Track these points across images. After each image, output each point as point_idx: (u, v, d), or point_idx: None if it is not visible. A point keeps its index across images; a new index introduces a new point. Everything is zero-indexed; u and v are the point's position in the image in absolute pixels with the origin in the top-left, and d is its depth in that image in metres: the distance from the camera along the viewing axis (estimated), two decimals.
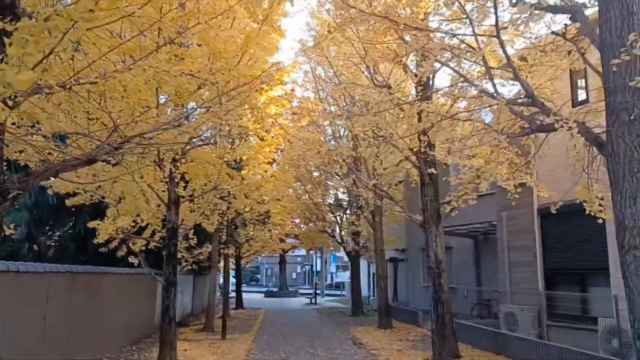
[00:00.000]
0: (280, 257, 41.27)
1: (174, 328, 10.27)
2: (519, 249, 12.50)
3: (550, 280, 11.67)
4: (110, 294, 10.87)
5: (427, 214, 10.78)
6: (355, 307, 23.63)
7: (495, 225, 14.38)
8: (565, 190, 9.45)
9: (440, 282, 10.45)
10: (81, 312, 9.23)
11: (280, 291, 42.02)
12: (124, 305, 11.94)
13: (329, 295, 42.42)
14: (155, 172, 9.85)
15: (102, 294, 10.45)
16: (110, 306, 10.83)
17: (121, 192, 10.62)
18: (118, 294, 11.50)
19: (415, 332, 15.34)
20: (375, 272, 22.57)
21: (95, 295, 10.13)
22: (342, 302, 33.45)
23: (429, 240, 10.68)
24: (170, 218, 10.35)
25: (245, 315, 23.27)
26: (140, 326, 13.32)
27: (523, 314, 11.74)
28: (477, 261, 18.30)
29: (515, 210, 12.49)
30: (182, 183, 11.00)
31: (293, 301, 35.63)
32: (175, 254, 10.45)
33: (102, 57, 4.75)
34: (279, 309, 28.16)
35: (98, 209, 12.18)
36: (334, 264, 59.49)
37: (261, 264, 66.81)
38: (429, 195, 10.74)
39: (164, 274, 10.16)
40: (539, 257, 11.82)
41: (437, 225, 10.68)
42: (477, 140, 8.60)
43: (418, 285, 22.16)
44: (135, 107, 5.25)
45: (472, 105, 6.77)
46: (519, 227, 12.49)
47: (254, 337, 15.17)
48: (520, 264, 12.43)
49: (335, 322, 19.87)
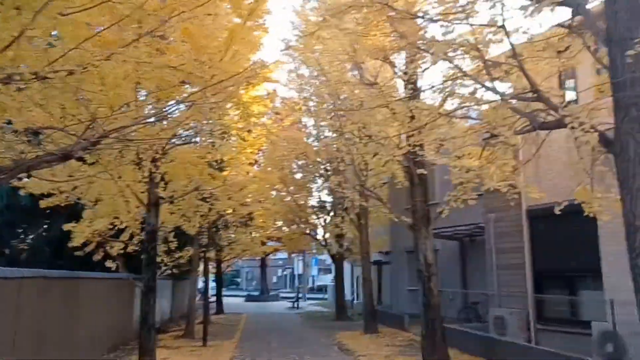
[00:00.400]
0: (262, 261, 40.79)
1: (154, 335, 9.85)
2: (507, 251, 12.32)
3: (540, 283, 11.49)
4: (86, 299, 10.42)
5: (416, 215, 10.51)
6: (340, 311, 23.31)
7: (481, 227, 14.20)
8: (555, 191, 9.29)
9: (430, 286, 10.19)
10: (55, 320, 8.80)
11: (262, 295, 41.49)
12: (101, 311, 11.46)
13: (311, 299, 42.03)
14: (134, 172, 9.44)
15: (78, 299, 10.01)
16: (86, 313, 10.37)
17: (98, 193, 10.17)
18: (94, 300, 11.03)
19: (402, 337, 15.06)
20: (359, 276, 22.32)
21: (71, 301, 9.68)
22: (325, 305, 33.12)
23: (419, 243, 10.42)
24: (149, 220, 9.93)
25: (226, 320, 22.78)
26: (118, 333, 12.83)
27: (512, 318, 11.55)
28: (463, 264, 18.14)
29: (502, 212, 12.32)
30: (162, 184, 10.59)
31: (275, 305, 35.18)
32: (154, 258, 10.03)
33: (79, 45, 4.37)
34: (260, 313, 27.73)
35: (75, 211, 11.67)
36: (315, 267, 59.08)
37: (241, 268, 66.05)
38: (419, 197, 10.48)
39: (143, 279, 9.73)
40: (528, 259, 11.64)
41: (426, 228, 10.42)
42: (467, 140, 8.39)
43: (403, 288, 21.92)
44: (114, 100, 4.88)
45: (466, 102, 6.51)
46: (507, 229, 12.30)
47: (236, 343, 14.74)
48: (508, 266, 12.25)
49: (320, 327, 19.52)
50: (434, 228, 11.12)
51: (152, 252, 9.88)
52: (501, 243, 12.55)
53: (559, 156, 9.38)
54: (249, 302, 38.29)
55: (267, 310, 29.82)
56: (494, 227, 12.74)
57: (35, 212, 13.11)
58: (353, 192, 14.10)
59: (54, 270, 9.25)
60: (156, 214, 10.05)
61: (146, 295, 9.68)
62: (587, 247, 9.93)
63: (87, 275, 10.73)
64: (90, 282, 10.96)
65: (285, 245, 29.90)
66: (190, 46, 7.29)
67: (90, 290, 10.81)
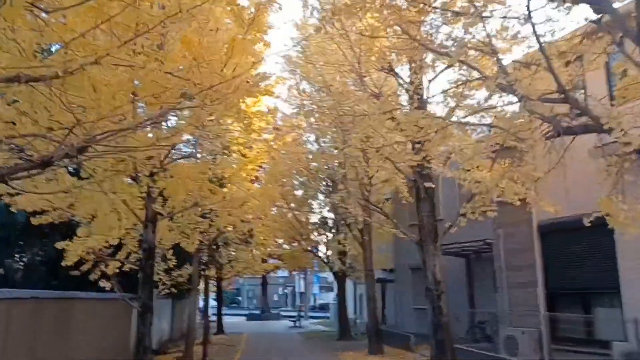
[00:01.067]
0: (263, 279, 40.19)
1: (150, 358, 9.39)
2: (518, 268, 11.89)
3: (553, 301, 11.05)
4: (80, 321, 9.98)
5: (423, 231, 10.12)
6: (342, 330, 22.73)
7: (490, 244, 13.79)
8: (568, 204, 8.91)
9: (440, 304, 9.76)
10: (47, 342, 8.39)
11: (263, 314, 40.79)
12: (96, 333, 10.99)
13: (313, 318, 41.32)
14: (131, 187, 9.08)
15: (72, 321, 9.57)
16: (80, 335, 9.92)
17: (94, 210, 9.79)
18: (89, 321, 10.58)
19: (408, 358, 14.56)
20: (362, 294, 21.79)
21: (64, 323, 9.26)
22: (328, 324, 32.47)
23: (427, 260, 10.01)
24: (146, 237, 9.54)
25: (226, 340, 22.21)
26: (114, 356, 12.32)
27: (524, 337, 11.08)
28: (470, 281, 17.63)
29: (513, 227, 11.93)
30: (160, 199, 10.21)
31: (276, 324, 34.54)
32: (151, 277, 9.62)
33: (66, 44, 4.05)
34: (261, 332, 27.14)
35: (71, 229, 11.27)
36: (317, 285, 58.37)
37: (242, 286, 65.34)
38: (426, 211, 10.10)
39: (139, 299, 9.30)
40: (540, 276, 11.21)
41: (434, 243, 10.03)
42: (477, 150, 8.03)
43: (408, 307, 21.38)
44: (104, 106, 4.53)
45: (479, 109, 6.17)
46: (518, 245, 11.89)
47: None
48: (519, 284, 11.81)
49: (322, 347, 18.98)
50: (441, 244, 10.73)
51: (149, 271, 9.48)
52: (512, 260, 12.12)
53: (573, 166, 9.01)
54: (250, 321, 37.61)
55: (268, 330, 29.21)
56: (503, 243, 12.32)
57: (31, 230, 12.72)
58: (356, 207, 13.73)
59: (45, 291, 8.85)
60: (154, 231, 9.68)
61: (142, 315, 9.25)
62: (603, 263, 9.52)
63: (81, 296, 10.31)
64: (85, 302, 10.53)
65: (286, 264, 29.41)
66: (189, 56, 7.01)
67: (84, 311, 10.37)
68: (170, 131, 5.59)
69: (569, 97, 4.40)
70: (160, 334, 17.55)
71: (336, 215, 21.00)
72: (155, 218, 9.69)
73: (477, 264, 17.34)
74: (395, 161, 9.80)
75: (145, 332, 9.16)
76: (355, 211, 13.76)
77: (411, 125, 7.84)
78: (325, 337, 23.85)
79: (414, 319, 20.22)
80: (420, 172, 9.77)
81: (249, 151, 14.05)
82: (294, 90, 17.33)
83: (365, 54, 9.63)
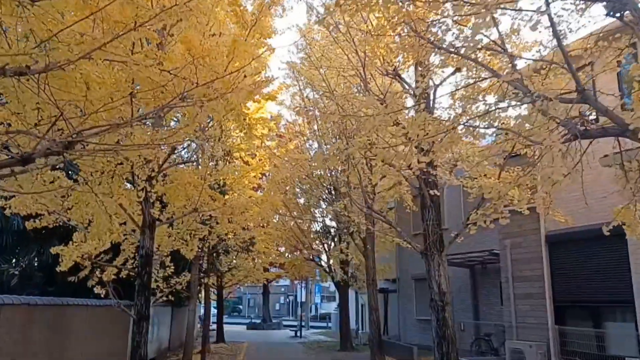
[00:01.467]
0: (264, 287, 39.82)
1: None
2: (525, 280, 11.56)
3: (561, 314, 10.72)
4: (74, 328, 9.72)
5: (428, 240, 9.81)
6: (344, 341, 22.36)
7: (496, 254, 13.48)
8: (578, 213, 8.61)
9: (445, 316, 9.43)
10: (40, 351, 8.13)
11: (264, 323, 40.36)
12: (91, 341, 10.72)
13: (314, 328, 40.89)
14: (128, 191, 8.84)
15: (66, 329, 9.32)
16: (75, 343, 9.66)
17: (91, 214, 9.54)
18: (84, 329, 10.31)
19: None
20: (364, 304, 21.43)
21: (58, 330, 9.00)
22: (329, 335, 32.06)
23: (431, 270, 9.69)
24: (144, 243, 9.26)
25: (226, 350, 21.85)
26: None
27: (531, 351, 10.75)
28: (475, 293, 17.28)
29: (520, 238, 11.63)
30: (158, 205, 9.97)
31: (277, 334, 34.13)
32: (148, 284, 9.33)
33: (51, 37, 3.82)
34: (262, 342, 26.77)
35: (68, 234, 11.02)
36: (318, 295, 57.93)
37: (243, 294, 64.94)
38: (431, 220, 9.80)
39: (135, 306, 9.01)
40: (548, 288, 10.89)
41: (440, 253, 9.71)
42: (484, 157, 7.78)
43: (411, 318, 21.02)
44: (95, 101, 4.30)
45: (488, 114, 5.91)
46: (525, 255, 11.58)
47: None
48: (526, 295, 11.48)
49: (324, 358, 18.61)
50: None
51: (146, 277, 9.18)
52: (519, 271, 11.80)
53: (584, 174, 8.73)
54: (250, 330, 37.19)
55: (269, 339, 28.82)
56: (510, 253, 12.01)
57: (28, 235, 12.48)
58: (359, 215, 13.45)
59: (38, 297, 8.58)
60: (151, 237, 9.40)
61: (138, 323, 8.94)
62: (615, 275, 9.21)
63: (76, 302, 10.04)
64: (80, 309, 10.27)
65: (287, 272, 29.09)
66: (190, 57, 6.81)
67: (80, 318, 10.12)
68: (168, 132, 5.36)
69: (588, 97, 4.14)
70: (159, 342, 17.24)
71: (338, 223, 20.72)
72: (154, 224, 9.43)
73: (482, 275, 17.00)
74: (399, 167, 9.53)
75: (140, 341, 8.86)
76: (358, 219, 13.47)
77: (417, 128, 7.59)
78: (326, 347, 23.47)
79: (417, 330, 19.87)
80: (425, 179, 9.49)
81: (252, 159, 13.84)
82: (298, 97, 17.20)
83: (369, 57, 9.42)
